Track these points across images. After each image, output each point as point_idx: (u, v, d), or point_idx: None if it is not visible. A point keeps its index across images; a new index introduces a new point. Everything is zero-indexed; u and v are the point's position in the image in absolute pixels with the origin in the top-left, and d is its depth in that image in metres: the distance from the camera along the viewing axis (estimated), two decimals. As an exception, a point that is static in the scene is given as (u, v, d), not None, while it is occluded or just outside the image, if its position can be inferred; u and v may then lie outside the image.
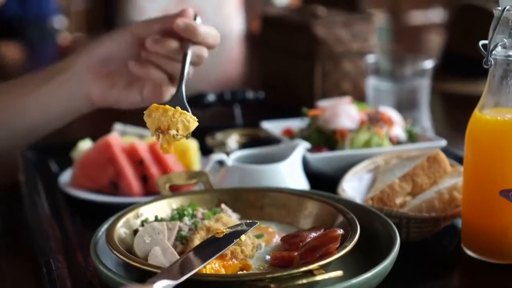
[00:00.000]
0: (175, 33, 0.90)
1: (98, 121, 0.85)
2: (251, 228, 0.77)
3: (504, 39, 0.79)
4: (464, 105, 0.95)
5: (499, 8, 0.78)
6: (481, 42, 0.81)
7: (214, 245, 0.73)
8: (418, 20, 5.33)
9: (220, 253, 0.72)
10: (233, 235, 0.75)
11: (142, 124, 1.22)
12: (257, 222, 0.79)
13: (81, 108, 0.97)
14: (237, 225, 0.78)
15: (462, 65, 1.80)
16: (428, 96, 1.39)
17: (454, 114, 1.64)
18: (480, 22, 1.16)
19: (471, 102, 0.85)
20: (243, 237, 0.76)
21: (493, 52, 0.79)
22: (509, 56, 0.79)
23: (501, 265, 0.80)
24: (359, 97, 1.50)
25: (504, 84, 0.80)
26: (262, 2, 7.22)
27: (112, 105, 0.96)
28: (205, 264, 0.70)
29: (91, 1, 5.40)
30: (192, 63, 0.91)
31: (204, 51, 0.92)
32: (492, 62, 0.80)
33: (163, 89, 0.93)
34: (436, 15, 5.42)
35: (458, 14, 1.96)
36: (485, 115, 0.81)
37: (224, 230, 0.76)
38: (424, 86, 1.38)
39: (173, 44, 0.90)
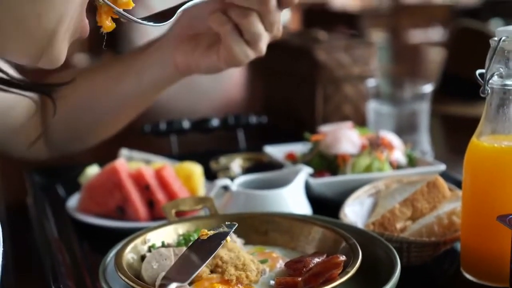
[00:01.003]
0: None
1: (105, 147, 0.87)
2: (232, 230, 0.80)
3: (501, 69, 0.81)
4: (463, 127, 0.98)
5: (495, 38, 0.81)
6: (478, 71, 0.84)
7: (205, 246, 0.76)
8: (417, 39, 5.37)
9: (215, 253, 0.75)
10: (218, 236, 0.78)
11: (148, 150, 1.25)
12: (236, 224, 0.82)
13: (170, 77, 0.99)
14: (218, 227, 0.81)
15: (461, 87, 1.83)
16: (427, 119, 1.41)
17: (453, 136, 1.67)
18: (478, 46, 1.18)
19: (470, 124, 0.87)
20: (247, 261, 0.78)
21: (490, 81, 0.82)
22: (505, 85, 0.81)
23: (499, 289, 0.82)
24: (360, 120, 1.53)
25: (501, 112, 0.83)
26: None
27: (193, 70, 0.96)
28: (205, 263, 0.73)
29: (93, 22, 5.44)
30: None
31: None
32: (489, 91, 0.82)
33: (238, 51, 0.91)
34: (435, 33, 5.47)
35: (456, 37, 1.99)
36: (483, 142, 0.83)
37: (208, 232, 0.79)
38: (423, 109, 1.40)
39: None
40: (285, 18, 7.85)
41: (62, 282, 0.84)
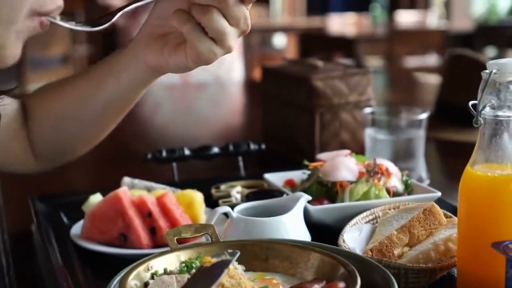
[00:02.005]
0: None
1: (108, 175, 0.89)
2: (234, 258, 0.82)
3: (492, 100, 0.84)
4: (458, 153, 1.00)
5: (487, 71, 0.84)
6: (471, 103, 0.86)
7: (208, 273, 0.78)
8: (413, 65, 5.42)
9: (218, 281, 0.77)
10: (221, 264, 0.79)
11: (150, 177, 1.28)
12: (238, 252, 0.85)
13: (145, 76, 0.99)
14: (220, 254, 0.83)
15: (455, 114, 1.86)
16: (423, 146, 1.44)
17: (449, 162, 1.69)
18: (472, 73, 1.22)
19: (465, 150, 0.89)
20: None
21: (482, 112, 0.84)
22: (497, 116, 0.84)
23: (495, 314, 0.84)
24: (358, 146, 1.55)
25: (494, 142, 0.85)
26: (260, 46, 7.32)
27: (164, 69, 0.96)
28: None
29: (93, 48, 5.50)
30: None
31: None
32: (482, 122, 0.85)
33: (203, 50, 0.89)
34: (431, 60, 5.52)
35: (450, 64, 2.02)
36: (477, 171, 0.86)
37: (211, 260, 0.80)
38: (419, 136, 1.43)
39: None
40: (282, 43, 7.93)
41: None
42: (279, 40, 8.04)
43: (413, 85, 3.04)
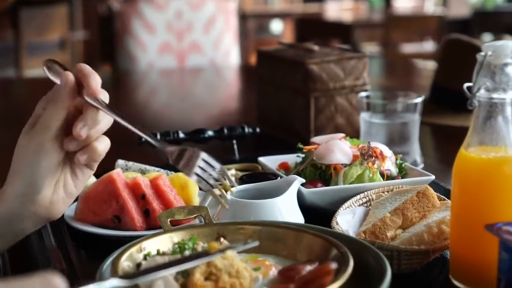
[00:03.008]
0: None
1: (116, 122, 0.89)
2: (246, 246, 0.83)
3: (487, 82, 0.84)
4: (452, 138, 1.00)
5: (482, 53, 0.84)
6: (466, 85, 0.86)
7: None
8: (410, 51, 5.41)
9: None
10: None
11: (144, 160, 1.27)
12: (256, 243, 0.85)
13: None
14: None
15: (450, 99, 1.86)
16: (418, 130, 1.44)
17: (443, 147, 1.69)
18: (467, 58, 1.21)
19: (459, 134, 0.89)
20: (241, 269, 0.80)
21: (477, 94, 0.84)
22: (491, 98, 0.84)
23: (487, 296, 0.84)
24: (353, 130, 1.55)
25: (488, 124, 0.85)
26: (257, 32, 7.31)
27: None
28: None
29: (90, 33, 5.48)
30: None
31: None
32: (476, 104, 0.85)
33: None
34: (428, 46, 5.51)
35: (446, 49, 2.02)
36: (471, 153, 0.86)
37: (218, 246, 0.81)
38: (414, 120, 1.43)
39: None
40: (279, 29, 7.91)
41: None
42: (276, 26, 8.03)
43: (409, 71, 3.04)
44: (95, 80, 0.89)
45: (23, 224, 0.93)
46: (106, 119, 0.90)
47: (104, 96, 0.91)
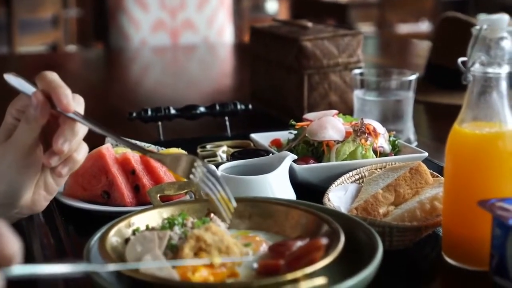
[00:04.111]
0: None
1: (91, 133, 0.87)
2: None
3: (482, 57, 0.82)
4: (446, 116, 0.99)
5: (477, 27, 0.82)
6: (460, 59, 0.85)
7: None
8: (405, 31, 5.39)
9: None
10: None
11: (134, 136, 1.26)
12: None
13: None
14: None
15: (445, 77, 1.84)
16: (412, 108, 1.42)
17: (437, 124, 1.68)
18: (462, 36, 1.20)
19: (454, 113, 0.88)
20: (231, 244, 0.79)
21: (472, 68, 0.83)
22: (486, 72, 0.82)
23: (479, 272, 0.83)
24: (346, 108, 1.54)
25: (482, 100, 0.84)
26: (252, 10, 7.26)
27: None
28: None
29: (83, 10, 5.43)
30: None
31: None
32: (471, 78, 0.83)
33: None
34: (423, 27, 5.49)
35: (441, 26, 2.00)
36: (464, 128, 0.85)
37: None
38: (408, 98, 1.41)
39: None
40: (274, 8, 7.86)
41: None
42: (271, 5, 7.98)
43: (404, 50, 3.02)
44: (65, 94, 0.85)
45: (6, 219, 0.92)
46: (83, 128, 0.88)
47: (79, 102, 0.88)
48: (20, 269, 0.64)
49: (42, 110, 0.85)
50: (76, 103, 0.87)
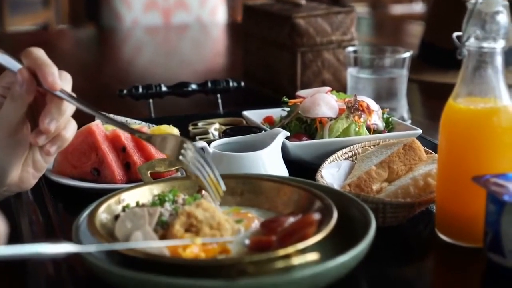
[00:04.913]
0: None
1: (81, 110, 0.86)
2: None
3: (477, 31, 0.81)
4: (440, 94, 0.97)
5: (472, 1, 0.81)
6: (455, 34, 0.84)
7: None
8: (399, 12, 5.36)
9: None
10: None
11: (125, 113, 1.24)
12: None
13: None
14: None
15: (439, 56, 1.83)
16: (406, 86, 1.41)
17: (430, 103, 1.67)
18: (457, 14, 1.18)
19: (448, 91, 0.87)
20: (222, 221, 0.78)
21: (467, 43, 0.81)
22: (481, 47, 0.81)
23: (473, 249, 0.82)
24: (340, 87, 1.52)
25: (477, 75, 0.82)
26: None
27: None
28: None
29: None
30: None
31: None
32: (466, 53, 0.82)
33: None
34: (417, 7, 5.46)
35: (435, 5, 1.99)
36: (459, 104, 0.83)
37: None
38: (402, 76, 1.40)
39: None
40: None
41: (34, 242, 0.83)
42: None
43: (398, 30, 3.00)
44: (50, 72, 0.83)
45: None
46: (71, 105, 0.85)
47: (66, 79, 0.86)
48: (4, 250, 0.63)
49: (28, 88, 0.83)
50: (63, 81, 0.85)
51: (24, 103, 0.85)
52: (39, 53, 0.84)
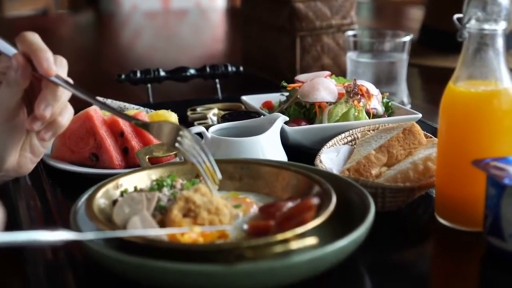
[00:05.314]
0: None
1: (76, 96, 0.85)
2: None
3: (478, 13, 0.80)
4: (440, 79, 0.97)
5: (473, -18, 0.80)
6: (456, 16, 0.83)
7: None
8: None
9: None
10: None
11: (123, 98, 1.24)
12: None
13: None
14: None
15: (439, 40, 1.82)
16: (406, 70, 1.40)
17: (430, 87, 1.66)
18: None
19: (448, 75, 0.86)
20: (221, 206, 0.77)
21: (467, 25, 0.81)
22: (482, 29, 0.80)
23: (472, 233, 0.82)
24: (339, 71, 1.52)
25: (478, 57, 0.82)
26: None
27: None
28: None
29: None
30: None
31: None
32: (466, 36, 0.81)
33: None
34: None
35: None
36: (459, 87, 0.83)
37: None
38: (402, 60, 1.39)
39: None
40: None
41: (32, 227, 0.83)
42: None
43: (398, 15, 2.99)
44: (45, 58, 0.81)
45: None
46: (67, 91, 0.84)
47: (61, 64, 0.84)
48: (1, 237, 0.62)
49: (23, 73, 0.82)
50: (58, 66, 0.84)
51: (19, 88, 0.84)
52: (34, 37, 0.83)
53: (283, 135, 1.05)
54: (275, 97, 1.23)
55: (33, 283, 0.74)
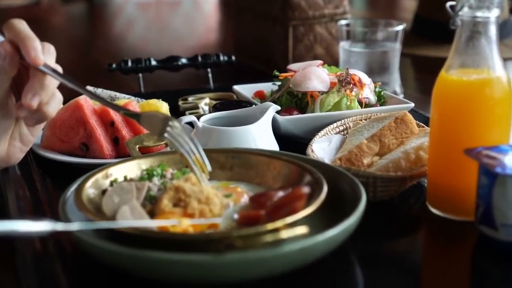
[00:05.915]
0: None
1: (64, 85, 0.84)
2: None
3: (471, 0, 0.79)
4: (433, 68, 0.96)
5: (466, -31, 0.79)
6: (449, 3, 0.82)
7: None
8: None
9: None
10: None
11: (114, 88, 1.23)
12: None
13: None
14: None
15: (432, 29, 1.81)
16: (398, 60, 1.40)
17: (423, 77, 1.66)
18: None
19: (440, 65, 0.85)
20: (211, 195, 0.77)
21: (460, 12, 0.80)
22: (475, 16, 0.80)
23: (464, 222, 0.82)
24: (332, 61, 1.51)
25: (470, 45, 0.81)
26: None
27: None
28: None
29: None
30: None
31: None
32: (459, 23, 0.81)
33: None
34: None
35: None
36: (451, 75, 0.82)
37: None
38: (395, 49, 1.39)
39: None
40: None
41: (21, 217, 0.82)
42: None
43: (391, 4, 2.98)
44: (33, 46, 0.80)
45: None
46: (54, 80, 0.83)
47: (49, 52, 0.83)
48: None
49: (11, 62, 0.81)
50: (46, 54, 0.82)
51: (7, 76, 0.83)
52: (22, 25, 0.82)
53: (275, 124, 1.05)
54: (267, 87, 1.23)
55: (21, 273, 0.73)
